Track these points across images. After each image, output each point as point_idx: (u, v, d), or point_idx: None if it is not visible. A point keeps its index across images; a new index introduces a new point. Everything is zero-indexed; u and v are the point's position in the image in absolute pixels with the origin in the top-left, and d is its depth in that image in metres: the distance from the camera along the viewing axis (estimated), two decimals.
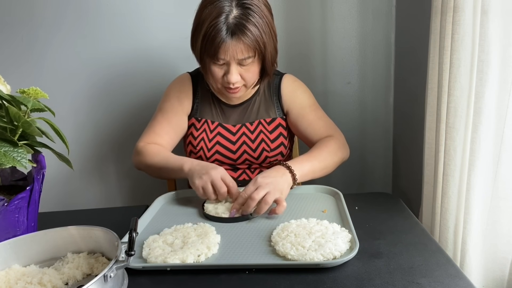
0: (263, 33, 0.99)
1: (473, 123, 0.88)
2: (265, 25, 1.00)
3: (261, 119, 1.18)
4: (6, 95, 0.77)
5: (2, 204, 0.75)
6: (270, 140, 1.16)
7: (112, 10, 1.50)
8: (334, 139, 1.13)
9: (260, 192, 0.88)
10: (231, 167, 1.20)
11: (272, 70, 1.10)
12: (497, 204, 0.91)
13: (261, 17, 0.99)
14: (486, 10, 0.82)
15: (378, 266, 0.71)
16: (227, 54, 0.98)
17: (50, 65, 1.54)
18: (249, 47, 0.99)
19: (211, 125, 1.17)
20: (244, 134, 1.17)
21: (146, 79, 1.57)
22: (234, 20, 0.97)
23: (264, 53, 1.02)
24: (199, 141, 1.16)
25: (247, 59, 1.01)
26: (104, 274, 0.59)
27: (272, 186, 0.89)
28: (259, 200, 0.88)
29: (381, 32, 1.54)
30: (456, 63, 0.88)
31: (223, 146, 1.16)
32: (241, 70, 1.03)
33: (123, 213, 1.09)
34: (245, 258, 0.74)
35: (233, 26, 0.96)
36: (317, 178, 1.06)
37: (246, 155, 1.17)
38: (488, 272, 0.96)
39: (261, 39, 0.99)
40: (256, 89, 1.19)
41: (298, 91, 1.20)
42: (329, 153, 1.08)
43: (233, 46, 0.98)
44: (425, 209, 1.07)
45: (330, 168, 1.08)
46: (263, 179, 0.91)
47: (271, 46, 1.04)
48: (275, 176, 0.93)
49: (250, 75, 1.05)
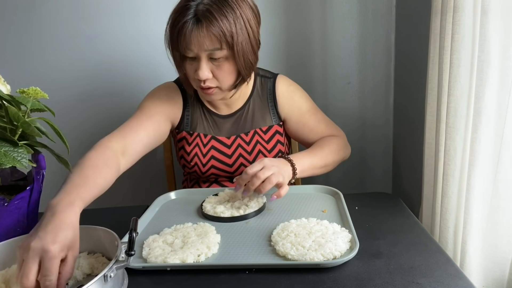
0: (233, 26, 0.92)
1: (473, 123, 0.88)
2: (239, 18, 0.93)
3: (256, 128, 1.13)
4: (6, 95, 0.77)
5: (2, 204, 0.75)
6: (268, 150, 1.13)
7: (113, 10, 1.50)
8: (336, 138, 1.13)
9: (266, 172, 0.89)
10: (228, 179, 1.16)
11: (248, 74, 1.02)
12: (497, 204, 0.91)
13: (236, 9, 0.93)
14: (486, 10, 0.82)
15: (378, 266, 0.71)
16: (194, 44, 0.92)
17: (50, 65, 1.54)
18: (216, 37, 0.91)
19: (204, 138, 1.12)
20: (240, 146, 1.12)
21: (147, 79, 1.56)
22: (203, 7, 0.91)
23: (234, 47, 0.93)
24: (193, 156, 1.11)
25: (215, 52, 0.93)
26: (104, 274, 0.59)
27: (277, 169, 0.91)
28: (263, 180, 0.89)
29: (381, 32, 1.54)
30: (456, 63, 0.88)
31: (218, 160, 1.12)
32: (213, 67, 0.96)
33: (123, 213, 1.09)
34: (245, 258, 0.74)
35: (201, 13, 0.91)
36: (317, 175, 1.06)
37: (243, 167, 1.12)
38: (488, 272, 0.96)
39: (229, 31, 0.91)
40: (247, 95, 1.14)
41: (295, 97, 1.15)
42: (331, 151, 1.07)
43: (199, 35, 0.91)
44: (425, 209, 1.07)
45: (330, 166, 1.08)
46: (269, 161, 0.93)
47: (246, 45, 0.95)
48: (279, 162, 0.94)
49: (223, 74, 0.97)
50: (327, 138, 1.12)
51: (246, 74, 1.01)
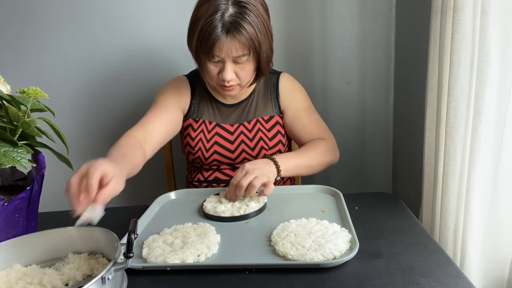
0: (258, 32, 1.00)
1: (473, 123, 0.88)
2: (261, 24, 1.01)
3: (258, 117, 1.18)
4: (6, 95, 0.77)
5: (2, 204, 0.75)
6: (268, 138, 1.17)
7: (112, 9, 1.50)
8: (324, 141, 1.16)
9: (248, 178, 0.92)
10: (230, 166, 1.20)
11: (268, 69, 1.11)
12: (497, 204, 0.91)
13: (257, 16, 1.00)
14: (486, 10, 0.82)
15: (378, 266, 0.71)
16: (222, 52, 0.99)
17: (50, 65, 1.54)
18: (244, 45, 0.99)
19: (209, 125, 1.18)
20: (242, 133, 1.17)
21: (146, 78, 1.56)
22: (230, 18, 0.97)
23: (259, 51, 1.03)
24: (197, 142, 1.17)
25: (242, 57, 1.01)
26: (102, 276, 0.59)
27: (259, 172, 0.94)
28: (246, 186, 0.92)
29: (381, 32, 1.54)
30: (456, 63, 0.88)
31: (221, 146, 1.17)
32: (236, 68, 1.04)
33: (123, 213, 1.09)
34: (245, 258, 0.74)
35: (228, 24, 0.97)
36: (303, 175, 1.13)
37: (244, 154, 1.17)
38: (488, 272, 0.96)
39: (256, 38, 1.00)
40: (252, 88, 1.20)
41: (296, 92, 1.21)
42: (317, 153, 1.12)
43: (228, 43, 0.98)
44: (425, 209, 1.07)
45: (315, 167, 1.11)
46: (251, 165, 0.97)
47: (266, 45, 1.04)
48: (260, 164, 0.99)
49: (245, 74, 1.05)
50: (315, 141, 1.16)
51: (267, 70, 1.10)
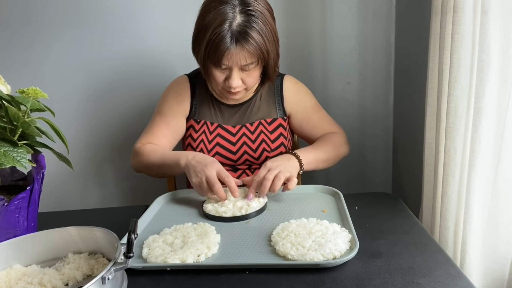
0: (266, 40, 1.00)
1: (473, 123, 0.88)
2: (268, 31, 1.00)
3: (261, 119, 1.18)
4: (5, 95, 0.77)
5: (2, 204, 0.75)
6: (271, 140, 1.17)
7: (112, 11, 1.50)
8: (337, 134, 1.19)
9: (273, 173, 0.93)
10: (232, 168, 1.20)
11: (275, 75, 1.11)
12: (497, 204, 0.91)
13: (265, 23, 0.99)
14: (486, 10, 0.82)
15: (378, 266, 0.71)
16: (231, 61, 0.99)
17: (50, 65, 1.54)
18: (252, 54, 0.99)
19: (211, 126, 1.17)
20: (244, 135, 1.17)
21: (146, 80, 1.56)
22: (238, 28, 0.97)
23: (267, 59, 1.03)
24: (199, 143, 1.16)
25: (249, 65, 1.02)
26: (102, 276, 0.59)
27: (282, 167, 0.95)
28: (273, 179, 0.93)
29: (381, 32, 1.54)
30: (456, 63, 0.88)
31: (223, 147, 1.17)
32: (243, 75, 1.04)
33: (123, 214, 1.09)
34: (245, 258, 0.74)
35: (237, 34, 0.96)
36: (320, 169, 1.12)
37: (246, 155, 1.17)
38: (488, 272, 0.96)
39: (265, 46, 1.00)
40: (255, 90, 1.20)
41: (301, 94, 1.22)
42: (333, 147, 1.14)
43: (236, 53, 0.98)
44: (425, 209, 1.07)
45: (332, 160, 1.14)
46: (273, 163, 0.97)
47: (274, 52, 1.04)
48: (282, 160, 1.00)
49: (251, 80, 1.06)
50: (329, 134, 1.19)
51: (273, 75, 1.11)
